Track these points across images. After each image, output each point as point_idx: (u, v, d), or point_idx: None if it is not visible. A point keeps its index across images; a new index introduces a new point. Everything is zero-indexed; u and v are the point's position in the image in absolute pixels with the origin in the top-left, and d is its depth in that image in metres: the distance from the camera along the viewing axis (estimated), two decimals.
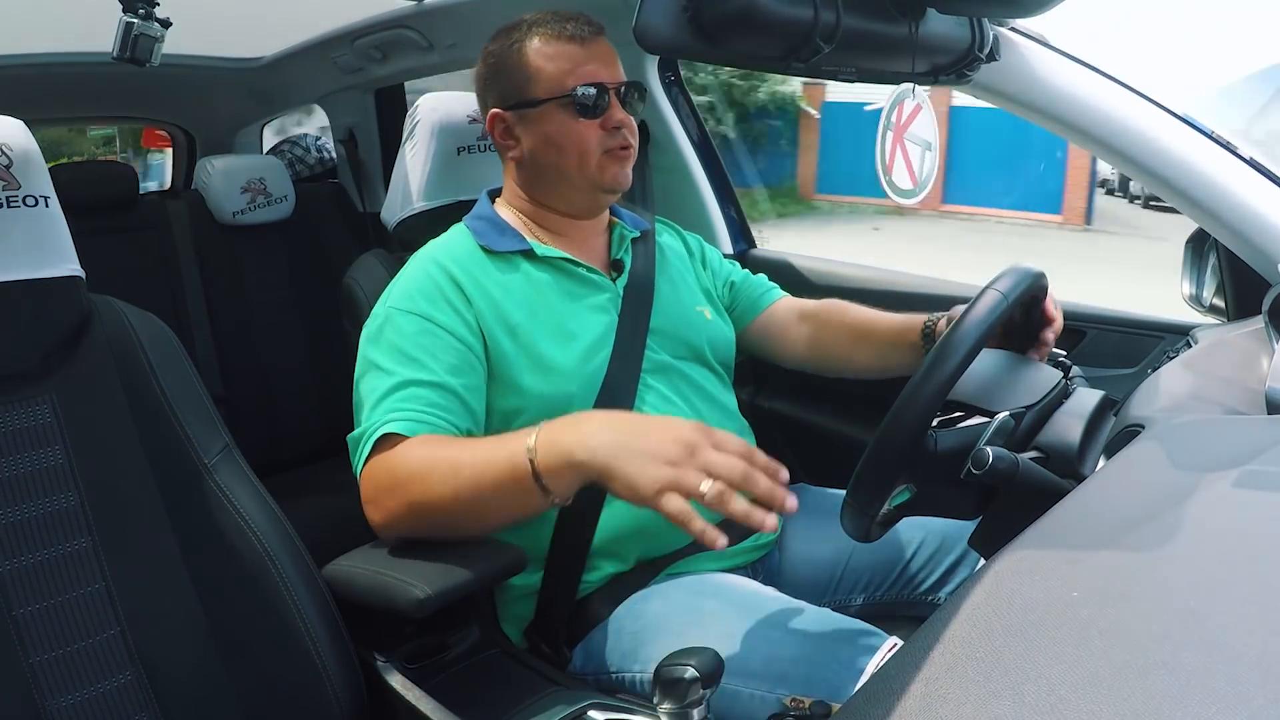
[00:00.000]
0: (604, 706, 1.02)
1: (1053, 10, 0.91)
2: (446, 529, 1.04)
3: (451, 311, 1.15)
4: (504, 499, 0.96)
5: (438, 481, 0.98)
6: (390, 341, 1.12)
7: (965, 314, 0.93)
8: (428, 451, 1.02)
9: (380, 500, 1.03)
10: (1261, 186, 1.16)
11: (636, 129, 1.24)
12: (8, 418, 1.05)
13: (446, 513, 1.00)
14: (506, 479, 0.94)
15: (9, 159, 1.04)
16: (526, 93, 1.20)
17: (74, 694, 1.00)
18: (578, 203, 1.25)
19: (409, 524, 1.03)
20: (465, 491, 0.97)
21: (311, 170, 2.91)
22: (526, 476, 0.92)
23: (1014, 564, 0.58)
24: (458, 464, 0.98)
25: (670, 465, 0.84)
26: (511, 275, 1.20)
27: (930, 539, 1.27)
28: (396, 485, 1.01)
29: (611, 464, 0.87)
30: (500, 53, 1.23)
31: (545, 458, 0.92)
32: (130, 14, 1.15)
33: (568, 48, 1.19)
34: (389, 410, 1.07)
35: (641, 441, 0.86)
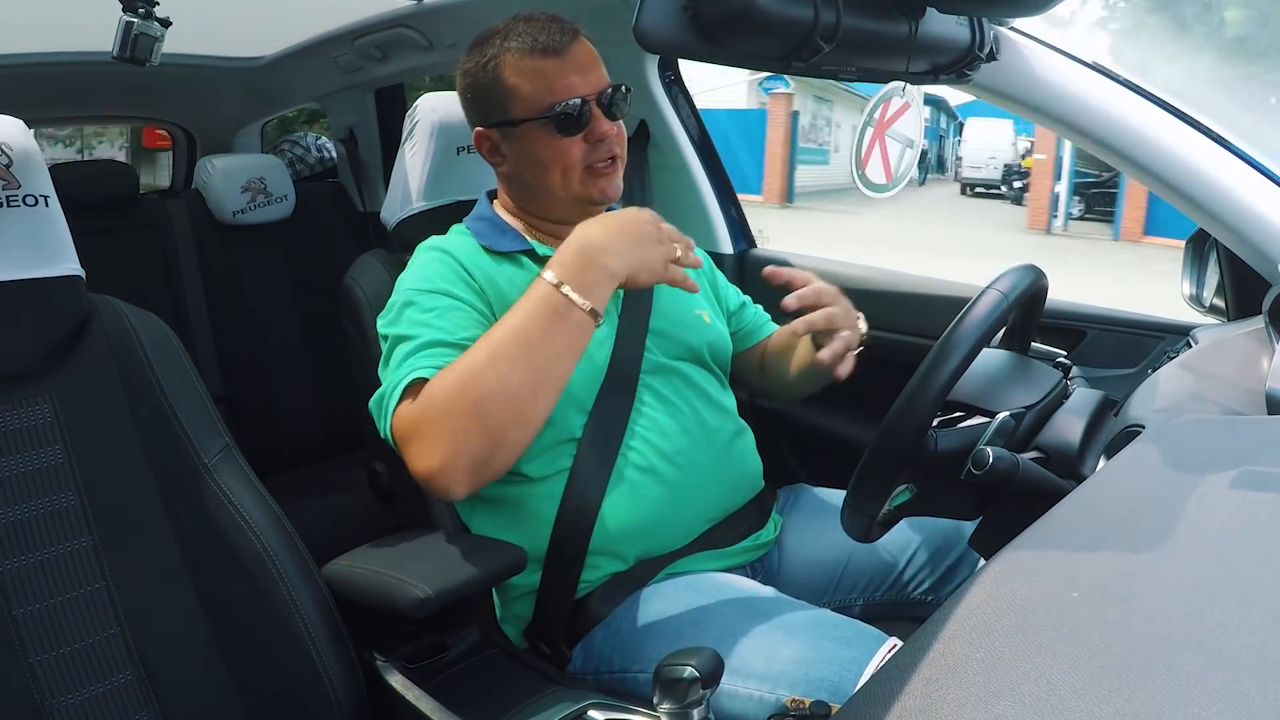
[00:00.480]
0: (604, 706, 1.02)
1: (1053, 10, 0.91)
2: (514, 411, 0.99)
3: (469, 289, 1.15)
4: (552, 346, 1.00)
5: (485, 369, 0.99)
6: (409, 316, 1.12)
7: (965, 314, 0.93)
8: (460, 362, 1.02)
9: (429, 434, 0.99)
10: (1261, 186, 1.16)
11: (624, 136, 1.22)
12: (8, 417, 1.05)
13: (507, 391, 0.98)
14: (548, 320, 1.00)
15: (9, 158, 1.04)
16: (506, 112, 1.18)
17: (74, 694, 1.00)
18: (567, 216, 1.24)
19: (470, 438, 0.98)
20: (519, 361, 0.99)
21: (312, 170, 2.91)
22: (567, 308, 1.00)
23: (1014, 564, 0.58)
24: (495, 344, 1.00)
25: (659, 243, 1.05)
26: (516, 272, 1.20)
27: (930, 539, 1.27)
28: (448, 404, 0.99)
29: (632, 262, 1.03)
30: (476, 72, 1.20)
31: (576, 279, 1.01)
32: (130, 13, 1.15)
33: (542, 63, 1.15)
34: (413, 365, 1.06)
35: (637, 236, 1.05)
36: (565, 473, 1.15)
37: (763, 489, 1.32)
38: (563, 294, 0.99)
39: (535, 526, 1.16)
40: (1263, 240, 1.14)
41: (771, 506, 1.33)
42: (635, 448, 1.17)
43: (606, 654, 1.13)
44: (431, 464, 0.99)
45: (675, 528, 1.20)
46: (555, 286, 1.00)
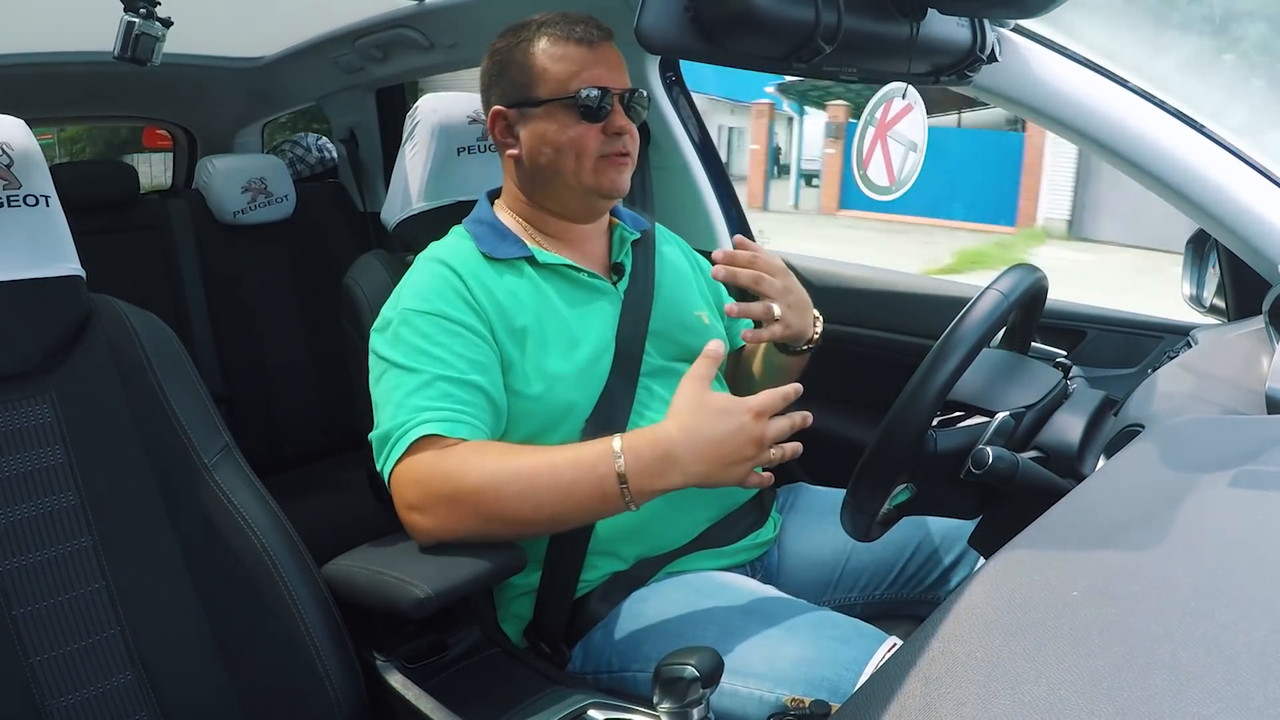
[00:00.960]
0: (604, 706, 1.02)
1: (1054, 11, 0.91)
2: (511, 536, 1.07)
3: (468, 310, 1.15)
4: (584, 512, 1.04)
5: (513, 496, 1.01)
6: (408, 341, 1.12)
7: (965, 314, 0.93)
8: (491, 463, 1.03)
9: (435, 508, 1.04)
10: (1261, 187, 1.16)
11: (638, 137, 1.24)
12: (7, 417, 1.05)
13: (521, 524, 1.04)
14: (593, 498, 1.00)
15: (9, 158, 1.04)
16: (530, 92, 1.20)
17: (74, 694, 1.00)
18: (573, 206, 1.24)
19: (471, 532, 1.05)
20: (545, 508, 1.01)
21: (312, 170, 2.92)
22: (616, 498, 1.00)
23: (1014, 563, 0.58)
24: (534, 481, 1.02)
25: (750, 460, 0.99)
26: (516, 281, 1.20)
27: (930, 538, 1.27)
28: (460, 496, 1.03)
29: (709, 481, 1.00)
30: (507, 50, 1.22)
31: (641, 483, 0.99)
32: (131, 13, 1.15)
33: (575, 50, 1.18)
34: (419, 409, 1.06)
35: (731, 460, 0.99)
36: None
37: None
38: (620, 487, 0.99)
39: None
40: (1263, 240, 1.14)
41: (771, 505, 1.33)
42: None
43: (606, 653, 1.13)
44: (425, 526, 1.06)
45: (674, 527, 1.20)
46: (618, 475, 0.99)
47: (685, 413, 1.00)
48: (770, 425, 0.98)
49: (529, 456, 1.04)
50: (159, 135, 3.53)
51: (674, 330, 1.28)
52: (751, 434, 0.98)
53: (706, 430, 0.98)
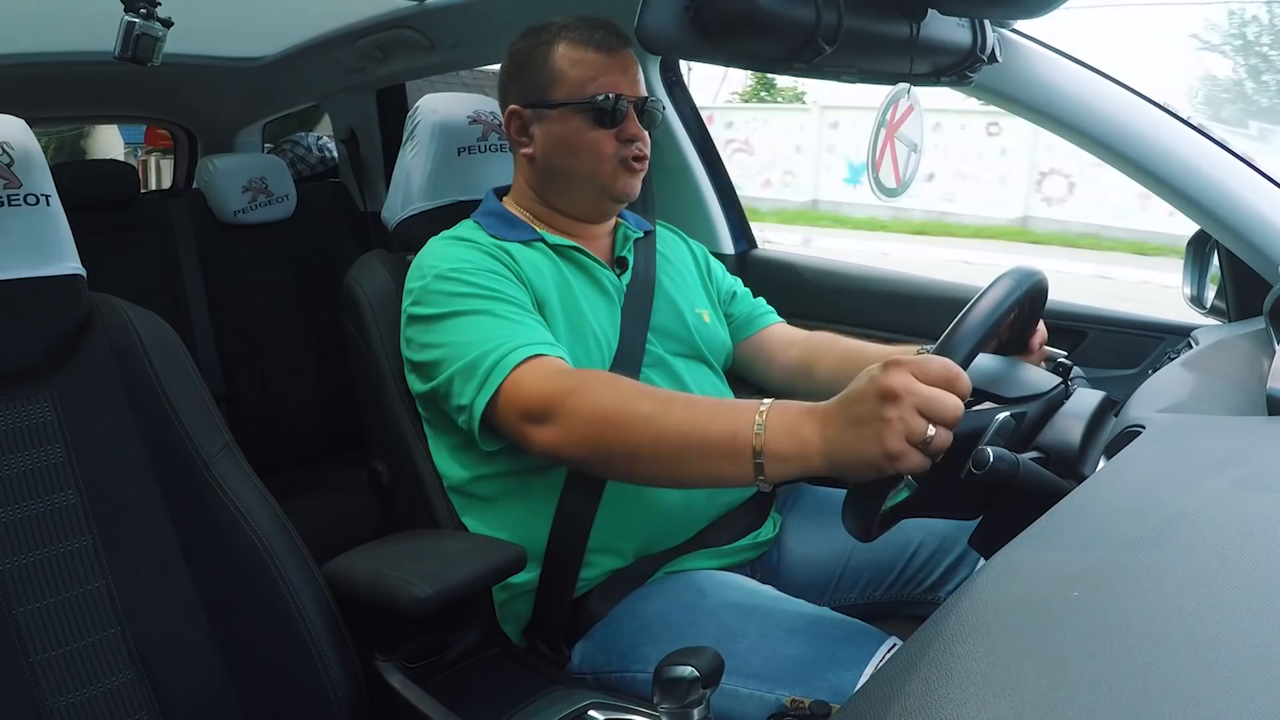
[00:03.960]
0: (604, 706, 1.03)
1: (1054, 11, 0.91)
2: (626, 470, 0.99)
3: (498, 263, 1.16)
4: (708, 460, 0.90)
5: (641, 415, 0.93)
6: (461, 293, 1.11)
7: (965, 314, 0.93)
8: (625, 384, 0.99)
9: (561, 419, 0.98)
10: (1261, 188, 1.17)
11: (649, 143, 1.25)
12: (8, 416, 1.05)
13: (638, 449, 0.94)
14: (722, 442, 0.88)
15: (10, 157, 1.04)
16: (546, 94, 1.21)
17: (74, 693, 1.00)
18: (584, 207, 1.26)
19: (590, 450, 0.98)
20: (669, 439, 0.92)
21: (313, 170, 2.91)
22: (745, 451, 0.86)
23: (1014, 563, 0.58)
24: (667, 407, 0.94)
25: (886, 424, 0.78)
26: (533, 256, 1.21)
27: (930, 539, 1.27)
28: (588, 408, 0.97)
29: (843, 457, 0.82)
30: (526, 50, 1.24)
31: (776, 442, 0.85)
32: (132, 13, 1.15)
33: (593, 55, 1.19)
34: (505, 337, 1.06)
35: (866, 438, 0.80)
36: (564, 469, 1.15)
37: None
38: (751, 454, 0.86)
39: (534, 524, 1.16)
40: (1263, 241, 1.14)
41: (771, 505, 1.34)
42: None
43: (606, 653, 1.13)
44: (541, 443, 1.01)
45: (673, 525, 1.20)
46: (753, 446, 0.86)
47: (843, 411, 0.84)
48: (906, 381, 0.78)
49: (667, 390, 1.00)
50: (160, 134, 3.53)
51: (675, 325, 1.29)
52: (876, 381, 0.79)
53: (847, 389, 0.84)
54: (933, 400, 0.77)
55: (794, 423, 0.85)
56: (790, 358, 1.40)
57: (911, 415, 0.77)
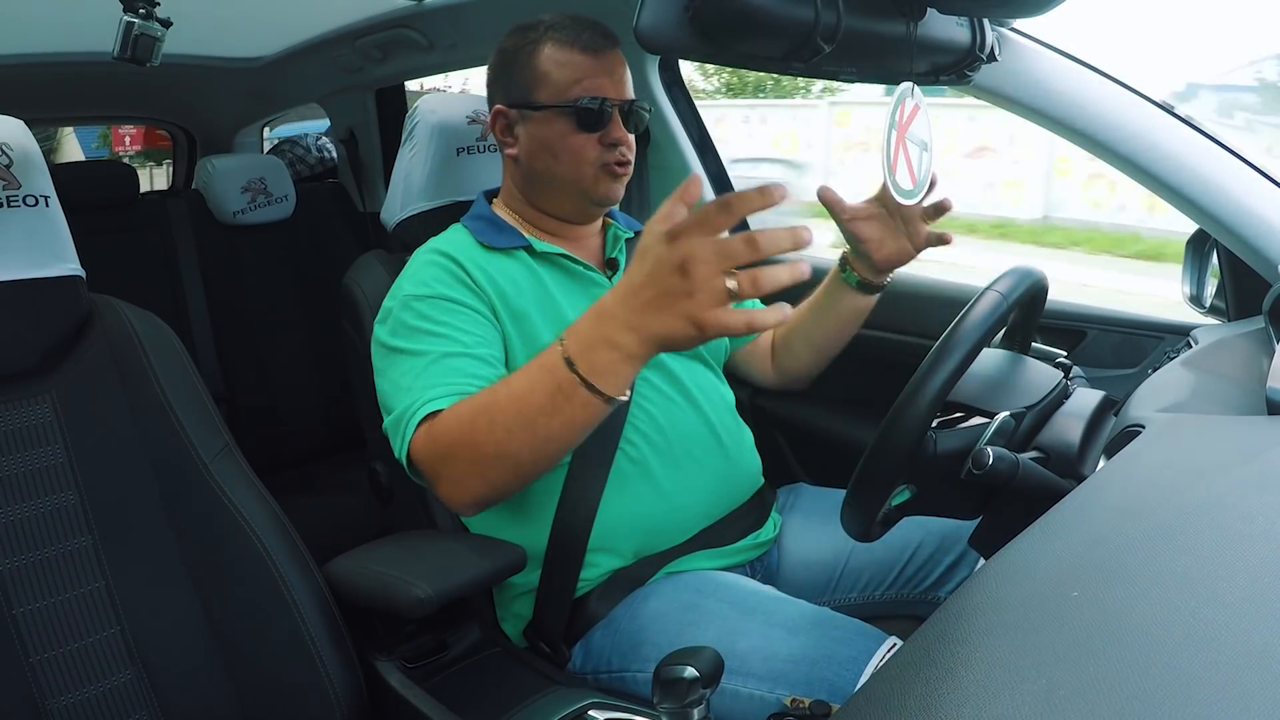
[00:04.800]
0: (604, 706, 1.02)
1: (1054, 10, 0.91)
2: (513, 472, 0.97)
3: (469, 292, 1.15)
4: (552, 415, 0.90)
5: (485, 428, 0.95)
6: (411, 325, 1.11)
7: (965, 314, 0.93)
8: (465, 408, 1.00)
9: (442, 472, 1.00)
10: (1261, 187, 1.17)
11: (634, 146, 1.24)
12: (8, 417, 1.05)
13: (506, 455, 0.95)
14: (550, 396, 0.88)
15: (9, 158, 1.04)
16: (531, 95, 1.20)
17: (73, 693, 1.00)
18: (567, 210, 1.26)
19: (479, 484, 0.99)
20: (515, 425, 0.92)
21: (312, 170, 2.91)
22: (573, 385, 0.87)
23: (1014, 563, 0.58)
24: (494, 404, 0.95)
25: (689, 295, 0.77)
26: (514, 267, 1.21)
27: (930, 539, 1.27)
28: (450, 452, 0.98)
29: (656, 335, 0.81)
30: (513, 50, 1.22)
31: (586, 358, 0.86)
32: (131, 14, 1.15)
33: (579, 57, 1.18)
34: (425, 388, 1.05)
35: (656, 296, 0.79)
36: (564, 468, 1.15)
37: (762, 487, 1.32)
38: (570, 372, 0.86)
39: (534, 524, 1.16)
40: (1263, 240, 1.14)
41: (771, 505, 1.34)
42: (633, 442, 1.17)
43: (606, 653, 1.13)
44: (450, 495, 1.02)
45: (673, 524, 1.20)
46: (565, 361, 0.87)
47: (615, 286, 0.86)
48: (695, 245, 0.76)
49: (492, 387, 0.99)
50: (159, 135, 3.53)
51: None
52: (665, 259, 0.77)
53: (630, 275, 0.82)
54: (723, 250, 0.76)
55: (592, 334, 0.86)
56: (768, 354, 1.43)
57: (706, 279, 0.76)
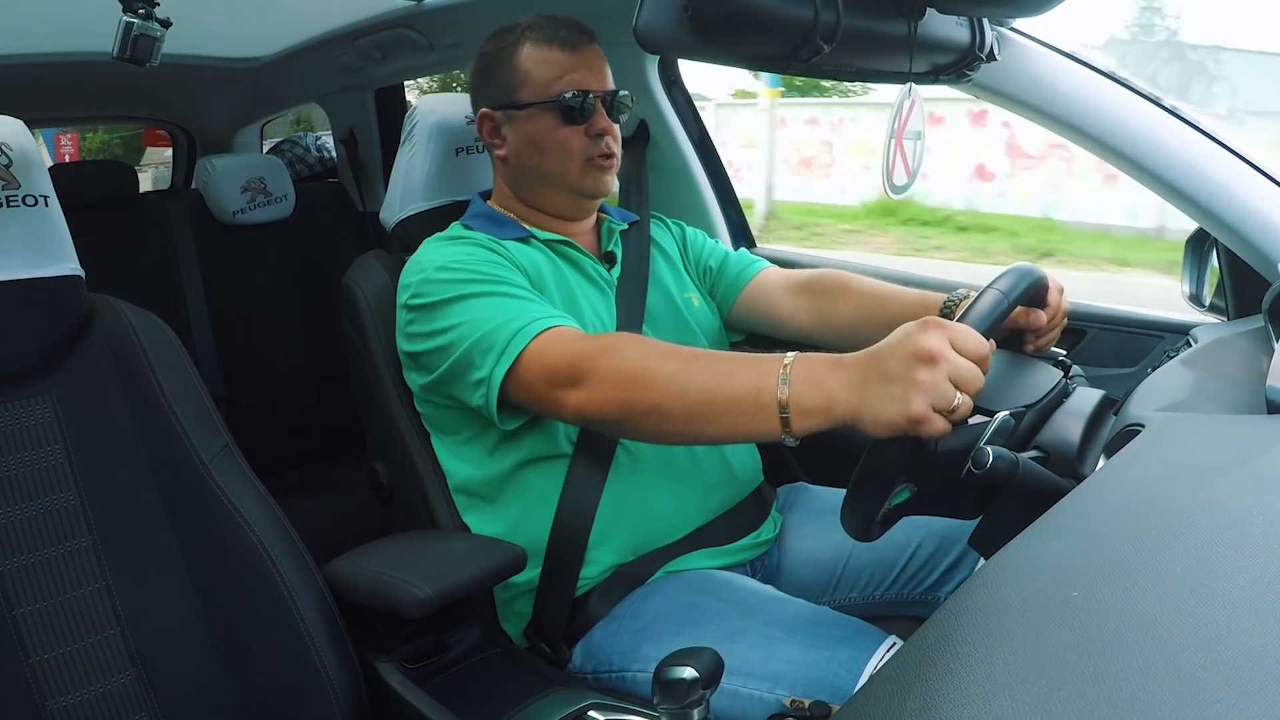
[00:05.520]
0: (604, 707, 1.02)
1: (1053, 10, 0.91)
2: (655, 423, 0.96)
3: (497, 255, 1.17)
4: (733, 415, 0.89)
5: (666, 373, 0.93)
6: (464, 279, 1.11)
7: (965, 313, 0.93)
8: (647, 343, 0.99)
9: (587, 381, 0.98)
10: (1261, 186, 1.16)
11: (620, 138, 1.26)
12: (7, 417, 1.05)
13: (665, 407, 0.93)
14: (746, 397, 0.88)
15: (8, 158, 1.04)
16: (514, 95, 1.22)
17: (74, 693, 1.00)
18: (560, 205, 1.27)
19: (618, 408, 0.97)
20: (694, 395, 0.91)
21: (311, 170, 2.91)
22: (770, 405, 0.86)
23: (1014, 563, 0.58)
24: (691, 365, 0.93)
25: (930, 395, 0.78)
26: (527, 251, 1.22)
27: (930, 538, 1.27)
28: (614, 368, 0.96)
29: (868, 412, 0.81)
30: (493, 54, 1.25)
31: (800, 395, 0.85)
32: (130, 14, 1.15)
33: (558, 54, 1.20)
34: (518, 313, 1.06)
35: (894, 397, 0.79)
36: (564, 465, 1.15)
37: (761, 485, 1.32)
38: (778, 388, 0.86)
39: (535, 522, 1.16)
40: (1263, 239, 1.14)
41: (771, 504, 1.34)
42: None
43: (606, 653, 1.13)
44: (571, 405, 1.00)
45: (673, 521, 1.20)
46: (781, 375, 0.86)
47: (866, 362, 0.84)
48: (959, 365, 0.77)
49: (688, 352, 0.98)
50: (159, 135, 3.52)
51: (669, 314, 1.30)
52: (917, 347, 0.78)
53: (880, 344, 0.83)
54: (964, 370, 0.78)
55: (818, 375, 0.85)
56: (800, 306, 1.37)
57: (943, 381, 0.77)
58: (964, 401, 0.78)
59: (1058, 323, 1.11)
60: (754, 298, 1.41)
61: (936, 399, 0.77)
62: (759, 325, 1.42)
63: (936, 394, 0.77)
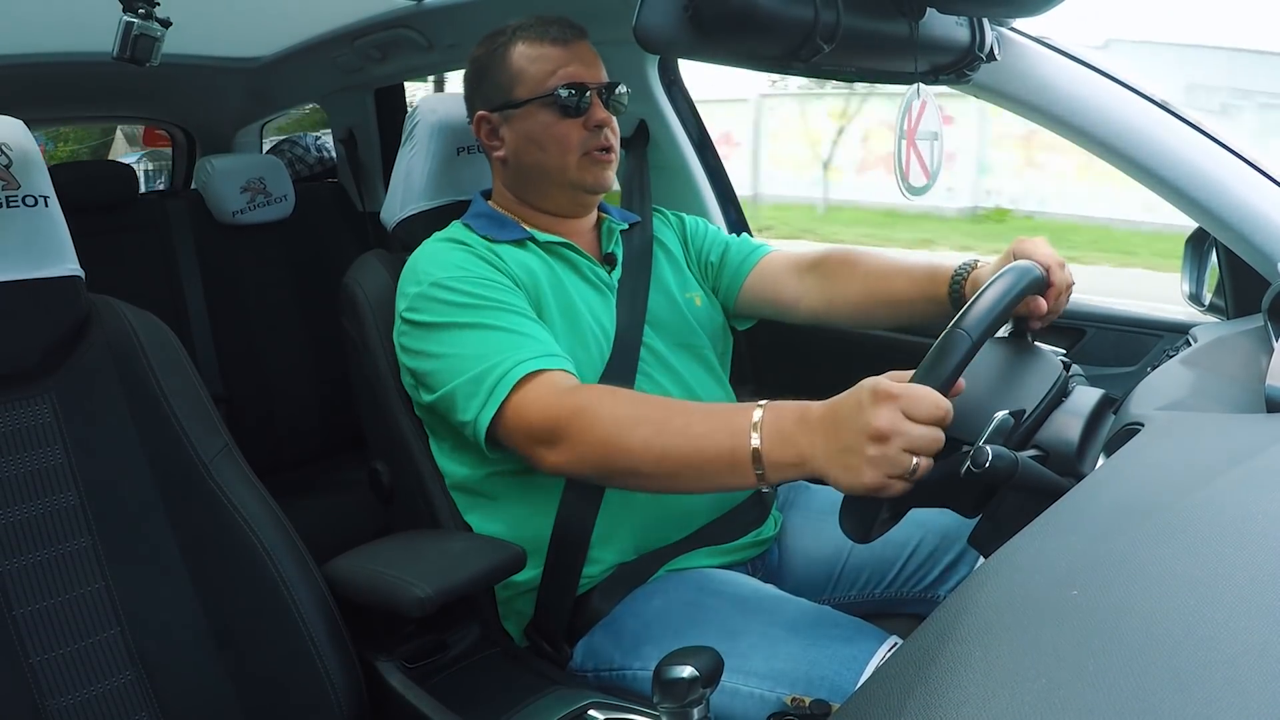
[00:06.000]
0: (604, 706, 1.03)
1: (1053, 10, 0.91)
2: (629, 475, 0.99)
3: (496, 271, 1.16)
4: (709, 474, 0.93)
5: (640, 441, 0.95)
6: (454, 301, 1.12)
7: (965, 312, 0.93)
8: (624, 403, 1.00)
9: (565, 443, 1.00)
10: (1261, 186, 1.16)
11: (618, 130, 1.26)
12: (7, 417, 1.05)
13: (642, 471, 0.96)
14: (721, 458, 0.91)
15: (8, 159, 1.04)
16: (510, 94, 1.22)
17: (74, 694, 1.00)
18: (560, 202, 1.27)
19: (594, 469, 1.00)
20: (670, 459, 0.94)
21: (311, 170, 2.91)
22: (745, 464, 0.89)
23: (1013, 562, 0.58)
24: (666, 420, 0.95)
25: (884, 468, 0.81)
26: (524, 256, 1.22)
27: (930, 537, 1.27)
28: (591, 432, 0.98)
29: (831, 474, 0.84)
30: (485, 57, 1.25)
31: (774, 454, 0.88)
32: (130, 13, 1.15)
33: (550, 50, 1.21)
34: (506, 350, 1.06)
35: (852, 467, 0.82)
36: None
37: None
38: (752, 447, 0.89)
39: (537, 521, 1.16)
40: (1262, 239, 1.14)
41: (771, 503, 1.34)
42: None
43: (607, 651, 1.13)
44: (550, 465, 1.03)
45: (673, 520, 1.20)
46: (752, 434, 0.89)
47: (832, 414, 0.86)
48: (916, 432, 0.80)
49: (663, 401, 1.01)
50: (158, 135, 3.53)
51: (671, 316, 1.29)
52: (869, 423, 0.80)
53: (837, 409, 0.85)
54: (918, 439, 0.80)
55: (788, 432, 0.88)
56: (809, 287, 1.35)
57: (896, 454, 0.80)
58: (922, 463, 0.80)
59: (1063, 300, 1.09)
60: (759, 285, 1.39)
61: (890, 469, 0.80)
62: (766, 312, 1.41)
63: (890, 465, 0.80)
